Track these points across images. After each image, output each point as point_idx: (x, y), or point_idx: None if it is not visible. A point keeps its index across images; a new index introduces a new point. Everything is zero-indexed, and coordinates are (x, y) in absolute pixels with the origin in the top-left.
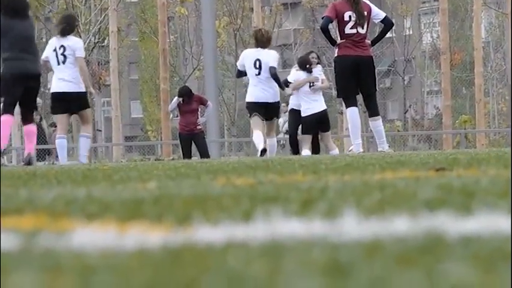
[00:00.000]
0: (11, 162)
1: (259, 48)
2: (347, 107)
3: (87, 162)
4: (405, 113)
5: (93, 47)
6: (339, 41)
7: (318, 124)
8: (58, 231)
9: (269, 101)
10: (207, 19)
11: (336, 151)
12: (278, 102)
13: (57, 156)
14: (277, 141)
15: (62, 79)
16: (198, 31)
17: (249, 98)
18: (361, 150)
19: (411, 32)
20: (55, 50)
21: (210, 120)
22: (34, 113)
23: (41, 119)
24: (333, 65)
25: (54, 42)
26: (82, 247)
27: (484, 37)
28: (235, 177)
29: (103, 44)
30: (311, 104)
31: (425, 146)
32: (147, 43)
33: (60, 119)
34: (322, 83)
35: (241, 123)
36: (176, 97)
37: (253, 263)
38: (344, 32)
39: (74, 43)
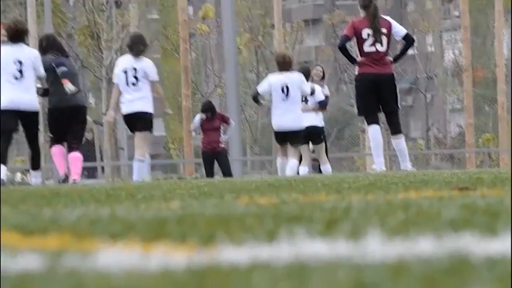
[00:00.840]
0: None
1: (284, 72)
2: (368, 124)
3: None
4: (427, 131)
5: (115, 64)
6: (358, 59)
7: (307, 137)
8: (82, 251)
9: (294, 129)
10: (228, 36)
11: (327, 166)
12: (300, 130)
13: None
14: None
15: (132, 100)
16: (220, 48)
17: (276, 126)
18: (384, 168)
19: (433, 49)
20: (125, 71)
21: (233, 138)
22: (80, 140)
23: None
24: (354, 83)
25: (125, 63)
26: (106, 267)
27: (506, 54)
28: (259, 196)
29: None
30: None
31: (448, 164)
32: (168, 60)
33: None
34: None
35: (263, 141)
36: (199, 115)
37: (278, 283)
38: (363, 49)
39: (147, 65)
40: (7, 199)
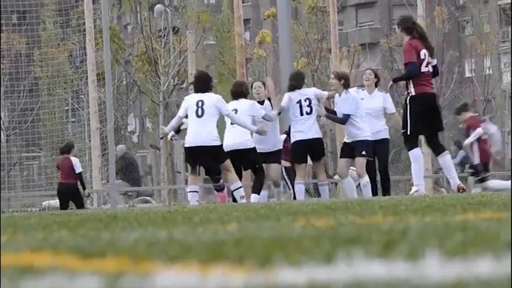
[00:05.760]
0: (92, 205)
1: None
2: (412, 147)
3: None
4: None
5: (173, 89)
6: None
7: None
8: (140, 273)
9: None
10: (285, 60)
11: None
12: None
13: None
14: None
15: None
16: (276, 73)
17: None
18: (424, 192)
19: (491, 72)
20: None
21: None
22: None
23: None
24: (408, 104)
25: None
26: None
27: None
28: (315, 218)
29: (182, 86)
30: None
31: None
32: (225, 85)
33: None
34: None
35: None
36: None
37: None
38: (420, 70)
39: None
40: (66, 223)
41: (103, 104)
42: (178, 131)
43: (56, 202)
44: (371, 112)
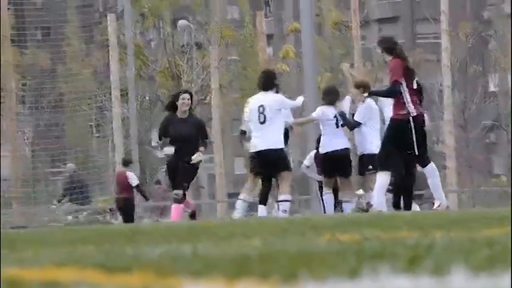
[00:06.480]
0: (117, 219)
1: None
2: (426, 164)
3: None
4: (511, 167)
5: (196, 105)
6: (408, 99)
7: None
8: None
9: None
10: (309, 75)
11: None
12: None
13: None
14: None
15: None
16: (300, 87)
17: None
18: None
19: None
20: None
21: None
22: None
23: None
24: (410, 124)
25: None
26: None
27: None
28: (340, 233)
29: (205, 102)
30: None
31: None
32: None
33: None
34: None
35: None
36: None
37: None
38: (412, 87)
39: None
40: (90, 238)
41: (127, 120)
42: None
43: (83, 215)
44: None
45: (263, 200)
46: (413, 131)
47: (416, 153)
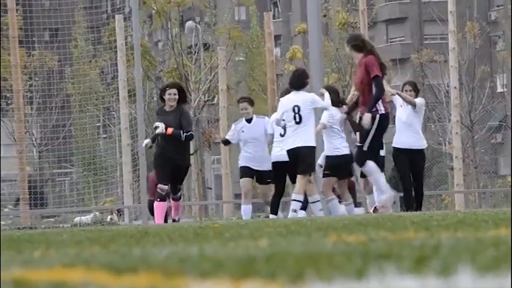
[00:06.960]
0: (123, 220)
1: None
2: (364, 162)
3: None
4: None
5: (203, 105)
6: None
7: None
8: None
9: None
10: (316, 76)
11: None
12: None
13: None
14: None
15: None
16: (307, 88)
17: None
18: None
19: None
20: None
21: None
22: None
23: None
24: (377, 121)
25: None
26: None
27: None
28: (347, 234)
29: (213, 102)
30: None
31: None
32: (255, 101)
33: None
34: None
35: None
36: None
37: None
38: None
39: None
40: (97, 239)
41: (134, 120)
42: (155, 140)
43: (87, 218)
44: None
45: (274, 210)
46: (375, 127)
47: (365, 148)
